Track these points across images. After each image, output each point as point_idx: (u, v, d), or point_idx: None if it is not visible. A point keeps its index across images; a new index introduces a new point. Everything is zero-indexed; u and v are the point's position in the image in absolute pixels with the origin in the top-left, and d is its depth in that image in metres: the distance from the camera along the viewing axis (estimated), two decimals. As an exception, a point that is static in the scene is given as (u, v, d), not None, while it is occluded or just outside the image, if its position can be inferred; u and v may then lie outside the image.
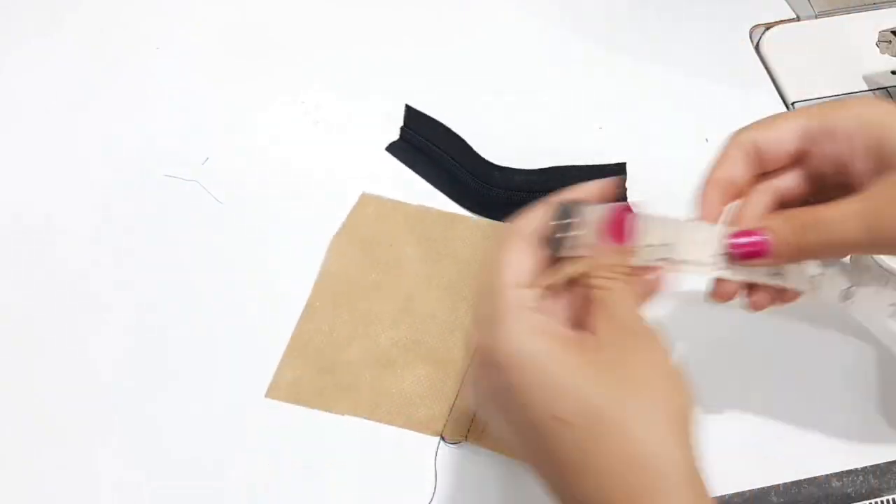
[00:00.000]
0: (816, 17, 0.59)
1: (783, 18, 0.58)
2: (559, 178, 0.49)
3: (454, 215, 0.48)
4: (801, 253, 0.32)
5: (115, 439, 0.41)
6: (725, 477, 0.40)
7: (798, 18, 0.59)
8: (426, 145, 0.51)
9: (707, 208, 0.34)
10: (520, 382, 0.27)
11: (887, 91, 0.54)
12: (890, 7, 0.59)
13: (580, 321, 0.30)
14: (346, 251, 0.46)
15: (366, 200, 0.48)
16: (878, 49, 0.51)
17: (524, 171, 0.49)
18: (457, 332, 0.43)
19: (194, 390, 0.42)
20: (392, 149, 0.52)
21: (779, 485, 0.40)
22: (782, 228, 0.32)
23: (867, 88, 0.54)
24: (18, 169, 0.50)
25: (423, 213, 0.48)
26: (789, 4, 0.59)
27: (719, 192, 0.34)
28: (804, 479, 0.40)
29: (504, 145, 0.51)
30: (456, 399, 0.41)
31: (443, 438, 0.40)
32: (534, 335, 0.28)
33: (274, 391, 0.42)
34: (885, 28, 0.50)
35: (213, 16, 0.58)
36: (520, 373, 0.27)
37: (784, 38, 0.57)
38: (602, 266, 0.30)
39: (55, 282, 0.46)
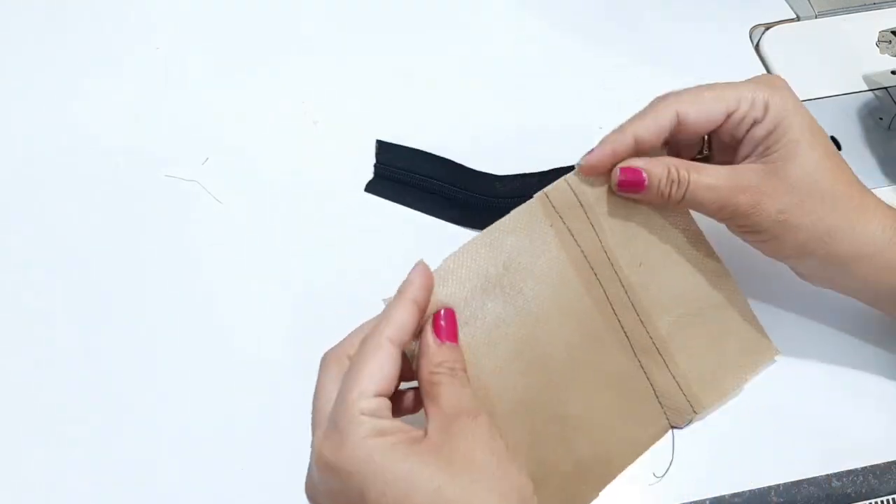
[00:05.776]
0: (816, 17, 0.59)
1: (783, 18, 0.58)
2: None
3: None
4: (669, 199, 0.38)
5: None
6: (725, 477, 0.40)
7: (798, 18, 0.59)
8: (407, 176, 0.49)
9: (603, 153, 0.38)
10: (370, 484, 0.30)
11: (887, 91, 0.54)
12: (890, 7, 0.59)
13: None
14: None
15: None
16: (878, 49, 0.51)
17: (523, 175, 0.49)
18: (606, 339, 0.39)
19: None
20: (371, 188, 0.50)
21: (779, 485, 0.40)
22: (659, 177, 0.38)
23: (867, 88, 0.54)
24: (18, 168, 0.50)
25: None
26: (789, 4, 0.59)
27: (628, 145, 0.38)
28: (804, 479, 0.40)
29: (504, 148, 0.51)
30: (654, 388, 0.40)
31: (673, 427, 0.40)
32: (374, 438, 0.30)
33: None
34: (885, 28, 0.50)
35: (213, 16, 0.58)
36: (370, 477, 0.29)
37: (784, 38, 0.57)
38: (430, 364, 0.33)
39: (54, 282, 0.46)
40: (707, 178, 0.38)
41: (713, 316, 0.42)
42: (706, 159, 0.41)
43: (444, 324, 0.35)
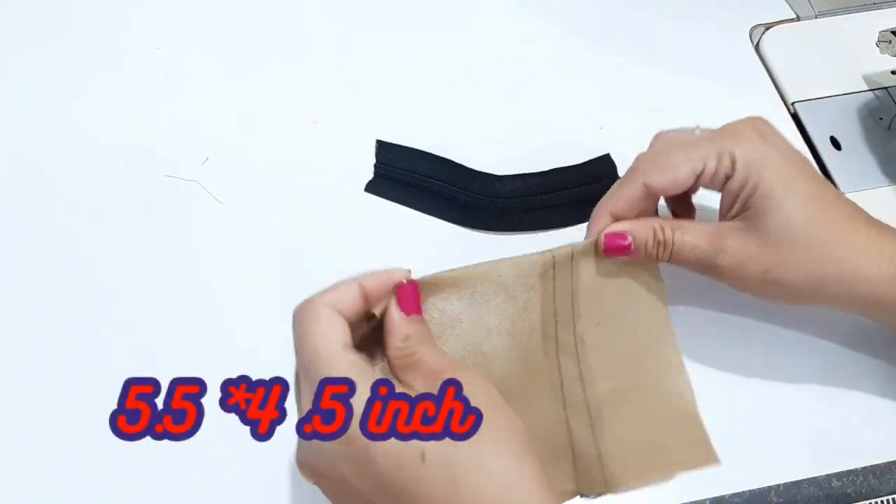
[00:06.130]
0: (816, 17, 0.59)
1: (783, 18, 0.58)
2: (560, 180, 0.49)
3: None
4: (656, 260, 0.39)
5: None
6: (725, 477, 0.40)
7: (798, 18, 0.59)
8: (407, 176, 0.49)
9: (594, 230, 0.39)
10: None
11: (887, 91, 0.54)
12: (890, 7, 0.59)
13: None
14: None
15: None
16: (878, 49, 0.51)
17: (523, 175, 0.49)
18: (542, 379, 0.38)
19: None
20: (371, 188, 0.49)
21: (779, 485, 0.40)
22: (646, 239, 0.38)
23: (867, 88, 0.54)
24: (18, 168, 0.50)
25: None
26: (789, 4, 0.59)
27: (608, 218, 0.39)
28: (804, 479, 0.40)
29: (504, 148, 0.51)
30: (572, 447, 0.38)
31: (582, 495, 0.37)
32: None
33: None
34: (885, 28, 0.50)
35: (213, 16, 0.58)
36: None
37: (784, 38, 0.57)
38: (398, 339, 0.32)
39: (54, 282, 0.46)
40: (690, 237, 0.38)
41: (656, 402, 0.39)
42: None
43: (406, 293, 0.33)
